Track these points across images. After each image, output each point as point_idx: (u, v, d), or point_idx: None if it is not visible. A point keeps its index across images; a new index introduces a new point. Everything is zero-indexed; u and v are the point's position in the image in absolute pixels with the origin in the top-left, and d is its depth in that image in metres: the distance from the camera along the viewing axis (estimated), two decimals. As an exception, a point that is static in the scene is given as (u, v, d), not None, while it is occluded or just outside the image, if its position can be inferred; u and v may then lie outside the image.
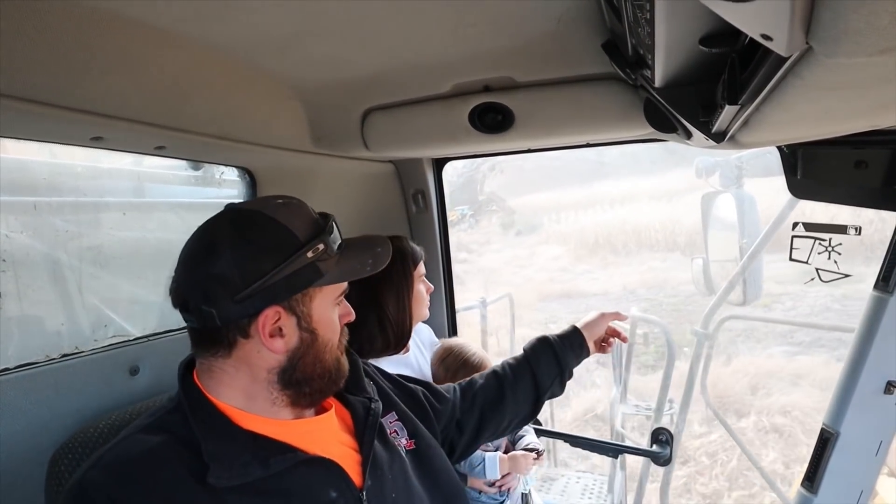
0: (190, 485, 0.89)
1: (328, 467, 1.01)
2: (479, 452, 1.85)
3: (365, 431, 1.12)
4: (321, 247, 1.00)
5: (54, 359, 1.31)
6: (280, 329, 0.98)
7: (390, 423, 1.26)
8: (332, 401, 1.17)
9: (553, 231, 14.93)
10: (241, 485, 0.91)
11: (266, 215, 0.99)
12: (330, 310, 1.06)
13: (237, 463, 0.92)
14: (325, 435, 1.09)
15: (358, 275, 1.07)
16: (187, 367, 1.05)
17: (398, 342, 1.77)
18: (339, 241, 1.06)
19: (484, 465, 1.84)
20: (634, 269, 12.79)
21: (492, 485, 1.89)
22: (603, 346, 1.66)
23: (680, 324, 9.28)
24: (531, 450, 1.94)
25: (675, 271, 12.15)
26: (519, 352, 1.60)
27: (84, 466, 0.93)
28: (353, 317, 1.13)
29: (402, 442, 1.24)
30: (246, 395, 1.01)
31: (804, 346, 8.38)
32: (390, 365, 1.61)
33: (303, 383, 1.03)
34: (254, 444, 0.97)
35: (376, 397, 1.22)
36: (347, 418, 1.16)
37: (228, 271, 0.94)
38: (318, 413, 1.13)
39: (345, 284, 1.08)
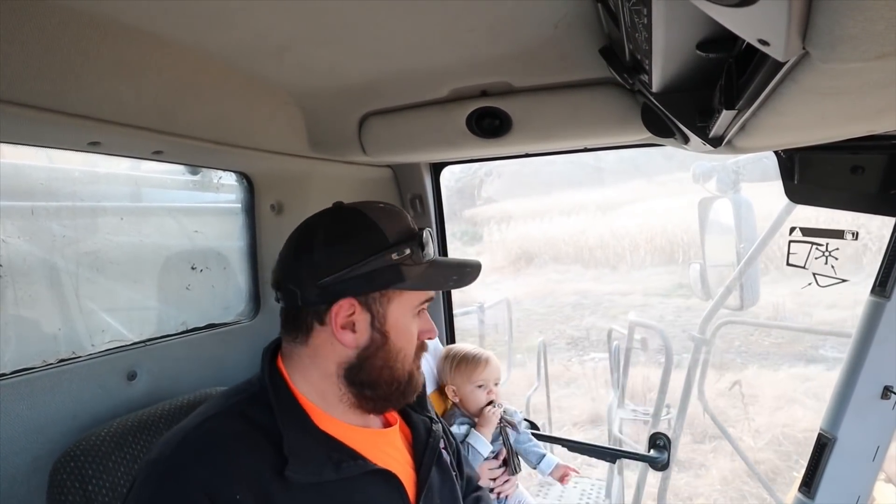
0: (268, 475, 0.90)
1: (389, 481, 1.03)
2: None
3: (425, 452, 1.14)
4: (407, 251, 1.03)
5: (51, 364, 1.30)
6: (353, 323, 1.02)
7: (441, 448, 1.25)
8: (396, 416, 1.19)
9: (490, 242, 15.01)
10: (312, 483, 0.93)
11: (363, 213, 1.05)
12: (407, 318, 1.06)
13: (313, 461, 0.94)
14: (389, 449, 1.10)
15: (438, 287, 1.10)
16: (272, 354, 1.08)
17: None
18: (431, 255, 1.08)
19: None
20: (537, 279, 12.98)
21: (491, 491, 1.89)
22: None
23: (529, 332, 9.59)
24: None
25: (569, 283, 12.43)
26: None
27: (170, 443, 0.93)
28: (434, 334, 1.13)
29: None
30: (318, 392, 1.03)
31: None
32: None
33: (367, 385, 1.04)
34: (328, 445, 0.99)
35: (436, 419, 1.25)
36: (408, 436, 1.18)
37: (318, 258, 1.01)
38: (384, 426, 1.15)
39: (428, 296, 1.09)
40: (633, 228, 12.96)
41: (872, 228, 5.91)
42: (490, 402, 1.97)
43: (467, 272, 1.14)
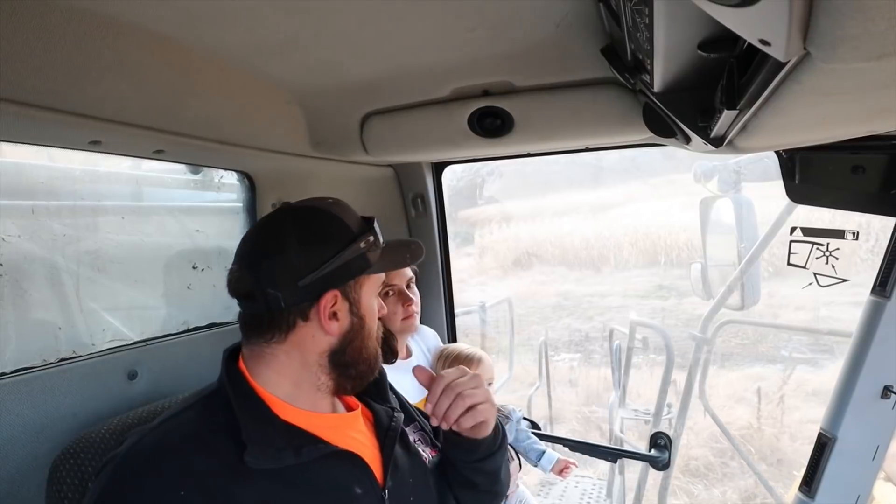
0: (225, 469, 0.92)
1: (354, 462, 1.05)
2: None
3: (387, 434, 1.17)
4: (371, 238, 1.09)
5: (52, 363, 1.30)
6: (335, 313, 1.06)
7: (413, 432, 1.30)
8: (357, 403, 1.23)
9: (480, 243, 15.03)
10: (273, 470, 0.95)
11: (323, 210, 1.09)
12: (373, 300, 1.14)
13: (272, 448, 0.96)
14: (353, 432, 1.14)
15: (400, 265, 1.22)
16: (230, 356, 1.11)
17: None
18: (381, 239, 1.15)
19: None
20: (522, 281, 13.04)
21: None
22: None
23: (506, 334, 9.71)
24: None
25: (552, 284, 12.53)
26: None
27: (126, 445, 0.95)
28: (385, 311, 1.22)
29: (427, 450, 1.29)
30: (293, 382, 1.06)
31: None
32: (390, 371, 1.61)
33: (349, 366, 1.09)
34: (288, 432, 1.01)
35: (399, 409, 1.28)
36: (371, 422, 1.21)
37: (294, 258, 1.02)
38: (347, 411, 1.20)
39: (382, 278, 1.18)
40: (619, 230, 13.02)
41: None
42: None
43: (414, 248, 1.23)
